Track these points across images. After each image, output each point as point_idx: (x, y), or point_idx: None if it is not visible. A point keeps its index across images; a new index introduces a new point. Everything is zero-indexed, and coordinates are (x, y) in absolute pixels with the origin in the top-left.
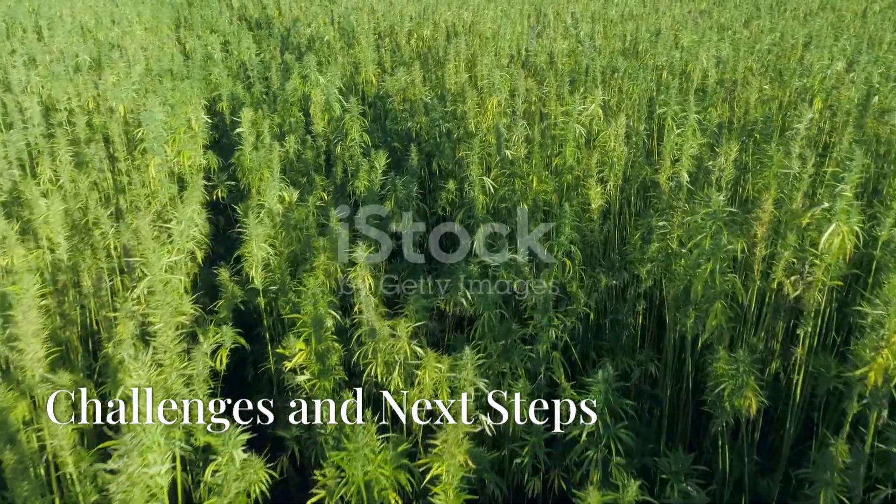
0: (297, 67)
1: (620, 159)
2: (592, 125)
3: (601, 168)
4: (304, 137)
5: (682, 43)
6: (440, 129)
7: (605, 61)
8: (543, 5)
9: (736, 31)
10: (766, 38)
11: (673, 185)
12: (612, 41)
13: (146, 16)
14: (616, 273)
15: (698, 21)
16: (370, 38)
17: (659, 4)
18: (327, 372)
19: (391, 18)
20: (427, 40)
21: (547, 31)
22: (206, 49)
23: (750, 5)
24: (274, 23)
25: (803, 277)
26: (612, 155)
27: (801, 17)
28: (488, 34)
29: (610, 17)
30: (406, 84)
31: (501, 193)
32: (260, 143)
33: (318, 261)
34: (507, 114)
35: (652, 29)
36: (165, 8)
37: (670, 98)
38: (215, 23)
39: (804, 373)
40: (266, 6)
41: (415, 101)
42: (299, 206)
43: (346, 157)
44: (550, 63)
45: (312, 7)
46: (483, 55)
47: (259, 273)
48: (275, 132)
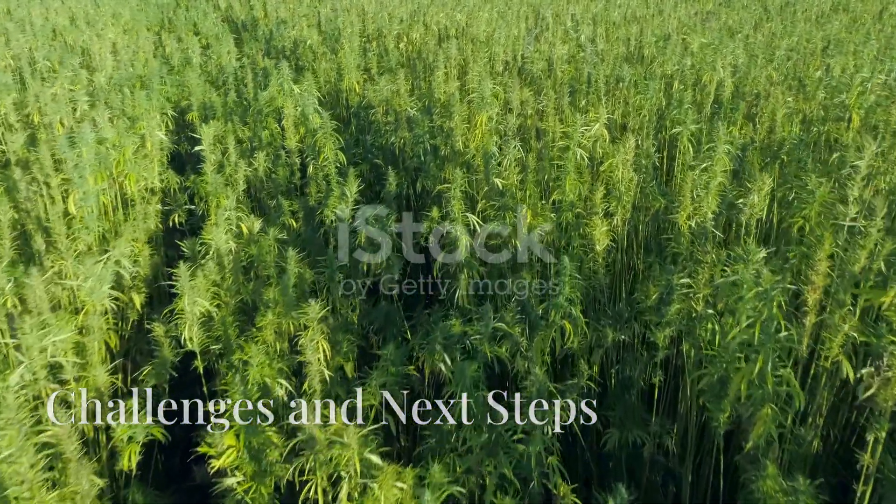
0: (276, 74)
1: (629, 190)
2: (596, 147)
3: (607, 200)
4: (277, 153)
5: (692, 48)
6: (425, 146)
7: (609, 69)
8: (542, 6)
9: (749, 36)
10: (783, 42)
11: (695, 230)
12: (615, 45)
13: (126, 17)
14: (625, 325)
15: (710, 24)
16: (356, 41)
17: (663, 6)
18: (265, 473)
19: (379, 20)
20: (416, 44)
21: (545, 35)
22: (186, 53)
23: (758, 6)
24: (260, 25)
25: (879, 372)
26: (619, 185)
27: (814, 20)
28: (482, 38)
29: (612, 20)
30: (390, 94)
31: (490, 229)
32: (226, 160)
33: (265, 319)
34: (498, 131)
35: (658, 32)
36: (151, 9)
37: (685, 115)
38: (200, 24)
39: (873, 482)
40: (253, 7)
41: (400, 112)
42: (261, 239)
43: (319, 178)
44: (549, 70)
45: (301, 7)
46: (475, 62)
47: (195, 333)
48: (245, 147)
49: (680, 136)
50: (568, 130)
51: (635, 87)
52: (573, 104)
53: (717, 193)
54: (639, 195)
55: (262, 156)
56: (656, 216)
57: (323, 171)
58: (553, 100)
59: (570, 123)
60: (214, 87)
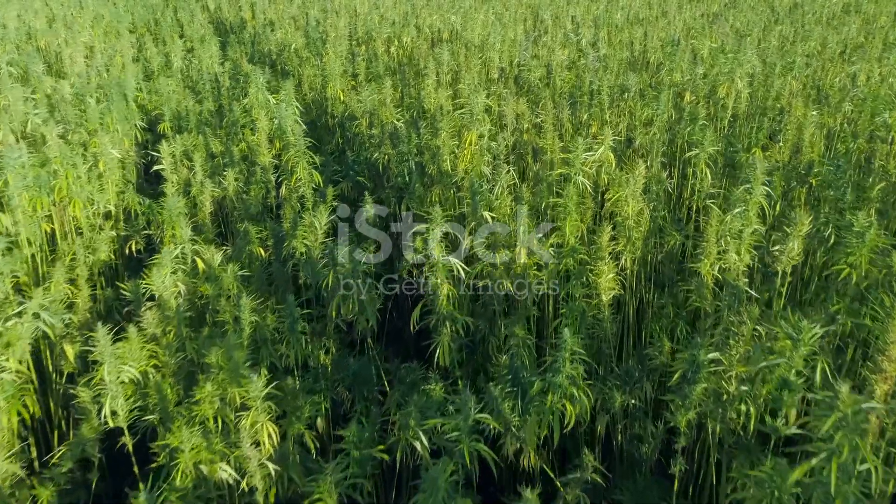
0: (256, 81)
1: (640, 226)
2: (601, 173)
3: (615, 238)
4: (252, 170)
5: (702, 54)
6: (410, 164)
7: (613, 77)
8: (541, 8)
9: (761, 41)
10: (797, 47)
11: (721, 282)
12: (618, 50)
13: (108, 19)
14: (634, 386)
15: (721, 29)
16: (342, 45)
17: (667, 7)
18: None
19: (369, 23)
20: (407, 48)
21: (544, 39)
22: (168, 57)
23: (765, 7)
24: (248, 27)
25: None
26: (627, 222)
27: (825, 22)
28: (477, 42)
29: (614, 22)
30: (375, 104)
31: (478, 270)
32: (192, 178)
33: (204, 391)
34: (491, 149)
35: (663, 35)
36: (138, 10)
37: (701, 135)
38: (186, 27)
39: None
40: (241, 8)
41: (386, 124)
42: (220, 276)
43: (293, 200)
44: (547, 77)
45: (291, 8)
46: (468, 69)
47: (119, 406)
48: (217, 163)
49: (695, 160)
50: (568, 156)
51: (642, 98)
52: (574, 118)
53: (751, 244)
54: (650, 227)
55: (232, 174)
56: (671, 254)
57: (297, 193)
58: (552, 114)
59: (571, 147)
60: (194, 94)
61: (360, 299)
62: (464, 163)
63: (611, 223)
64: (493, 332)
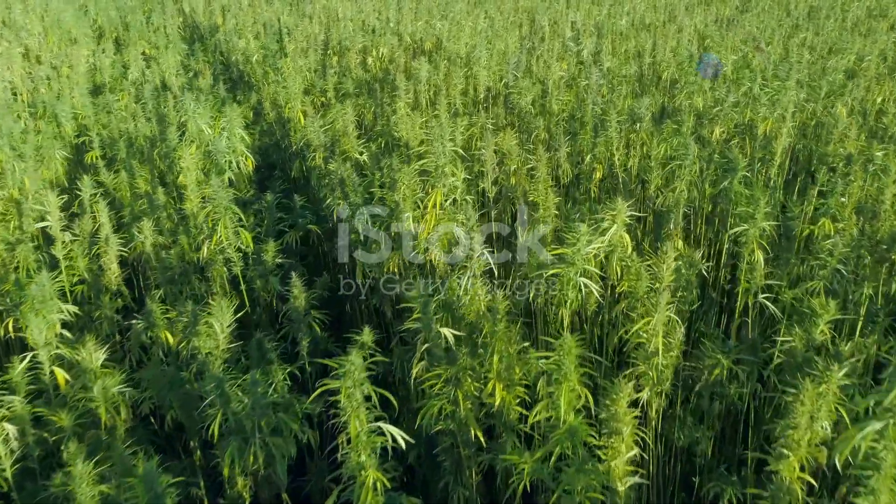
0: (188, 106)
1: (670, 351)
2: (612, 260)
3: (637, 387)
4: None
5: (724, 71)
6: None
7: (620, 99)
8: (538, 12)
9: (789, 53)
10: (832, 61)
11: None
12: (624, 63)
13: (69, 22)
14: None
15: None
16: (311, 57)
17: (675, 11)
18: None
19: (342, 31)
20: (384, 60)
21: (539, 52)
22: (124, 67)
23: (780, 11)
24: (218, 32)
25: None
26: (653, 364)
27: (850, 28)
28: (463, 54)
29: (618, 29)
30: (336, 133)
31: (429, 418)
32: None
33: None
34: (462, 206)
35: (673, 44)
36: (110, 11)
37: (752, 207)
38: (154, 32)
39: None
40: (213, 12)
41: (347, 157)
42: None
43: (218, 262)
44: (542, 97)
45: (268, 12)
46: (449, 88)
47: None
48: (138, 209)
49: (745, 241)
50: (567, 252)
51: (656, 127)
52: (573, 157)
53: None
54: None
55: (148, 225)
56: (715, 386)
57: (220, 256)
58: (545, 158)
59: (570, 236)
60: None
61: (267, 446)
62: (427, 231)
63: (629, 363)
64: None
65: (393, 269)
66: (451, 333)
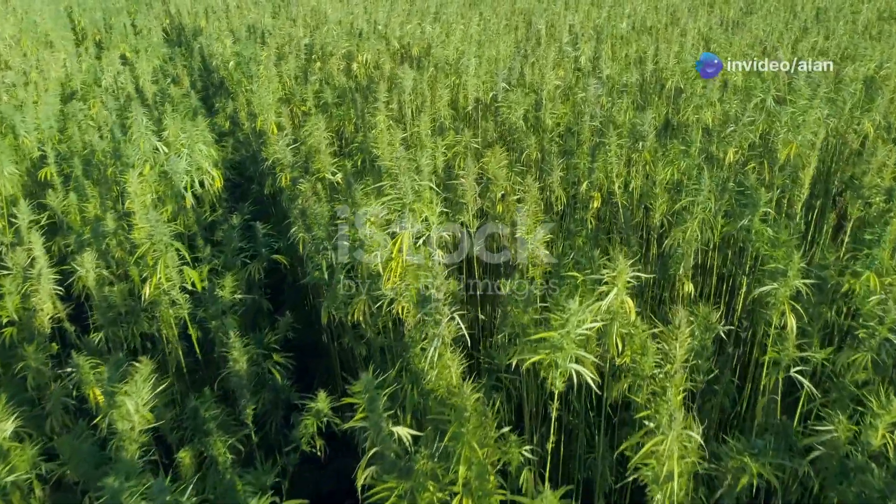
0: (139, 121)
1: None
2: (612, 332)
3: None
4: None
5: (734, 82)
6: (328, 256)
7: (621, 114)
8: (534, 14)
9: (800, 58)
10: (850, 69)
11: None
12: (625, 68)
13: (47, 24)
14: None
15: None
16: (289, 63)
17: (678, 13)
18: None
19: (324, 35)
20: (369, 66)
21: (532, 60)
22: (98, 73)
23: (787, 13)
24: (200, 35)
25: None
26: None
27: (861, 31)
28: (452, 60)
29: (618, 33)
30: (308, 151)
31: None
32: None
33: None
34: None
35: (677, 49)
36: (96, 13)
37: (784, 262)
38: (132, 36)
39: None
40: (198, 14)
41: (319, 177)
42: None
43: (164, 303)
44: (536, 110)
45: (253, 14)
46: (434, 99)
47: None
48: (86, 237)
49: (771, 303)
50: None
51: (661, 144)
52: (567, 179)
53: None
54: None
55: (90, 257)
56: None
57: (167, 295)
58: (533, 188)
59: (557, 317)
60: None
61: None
62: (392, 280)
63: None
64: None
65: (358, 316)
66: (406, 434)
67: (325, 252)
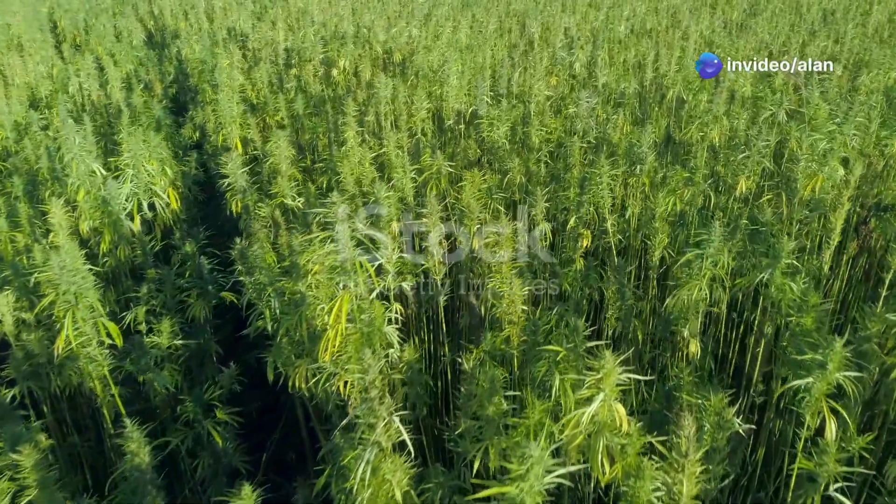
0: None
1: None
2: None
3: None
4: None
5: (742, 92)
6: (272, 305)
7: (616, 131)
8: (529, 16)
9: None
10: (867, 80)
11: None
12: (623, 75)
13: (18, 28)
14: None
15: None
16: (262, 70)
17: (678, 14)
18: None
19: (299, 39)
20: (347, 73)
21: (525, 63)
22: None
23: (792, 15)
24: (178, 39)
25: None
26: None
27: (871, 35)
28: (435, 67)
29: (616, 37)
30: (270, 169)
31: None
32: None
33: None
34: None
35: (678, 54)
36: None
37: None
38: (116, 37)
39: None
40: (178, 16)
41: (276, 204)
42: None
43: (82, 358)
44: (523, 125)
45: (233, 16)
46: (411, 112)
47: None
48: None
49: (807, 400)
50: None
51: (661, 167)
52: (555, 213)
53: None
54: None
55: (7, 299)
56: None
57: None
58: (510, 231)
59: (515, 466)
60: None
61: None
62: (330, 352)
63: None
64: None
65: (300, 383)
66: None
67: (268, 300)
